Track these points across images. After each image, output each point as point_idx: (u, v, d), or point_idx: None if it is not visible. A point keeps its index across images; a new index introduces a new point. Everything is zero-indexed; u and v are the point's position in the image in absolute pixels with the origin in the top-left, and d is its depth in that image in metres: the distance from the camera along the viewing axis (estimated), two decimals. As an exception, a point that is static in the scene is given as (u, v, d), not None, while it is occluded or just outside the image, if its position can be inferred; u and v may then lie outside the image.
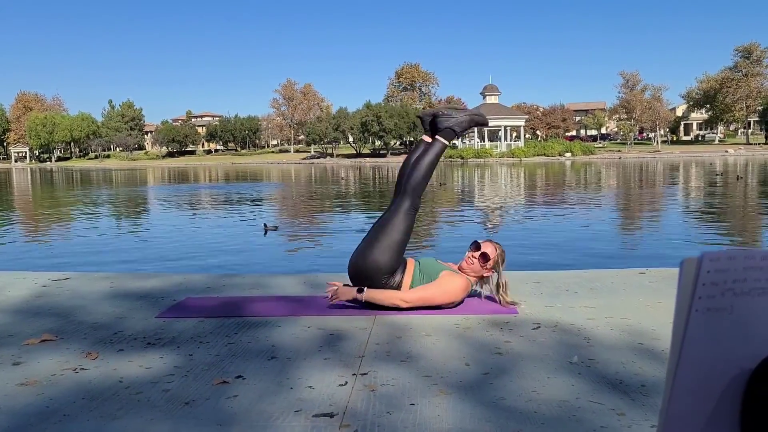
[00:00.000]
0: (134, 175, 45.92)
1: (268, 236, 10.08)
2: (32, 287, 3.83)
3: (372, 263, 3.14)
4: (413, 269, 3.21)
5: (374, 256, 3.14)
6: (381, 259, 3.13)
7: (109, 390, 2.11)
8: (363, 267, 3.16)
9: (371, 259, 3.14)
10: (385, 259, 3.14)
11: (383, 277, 3.14)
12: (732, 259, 0.53)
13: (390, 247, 3.15)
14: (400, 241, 3.19)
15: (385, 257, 3.14)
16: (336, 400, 1.99)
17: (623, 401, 1.95)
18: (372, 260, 3.14)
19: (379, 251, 3.14)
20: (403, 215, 3.23)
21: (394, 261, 3.16)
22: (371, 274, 3.14)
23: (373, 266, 3.13)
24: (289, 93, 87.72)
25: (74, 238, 10.59)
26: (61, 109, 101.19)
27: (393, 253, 3.15)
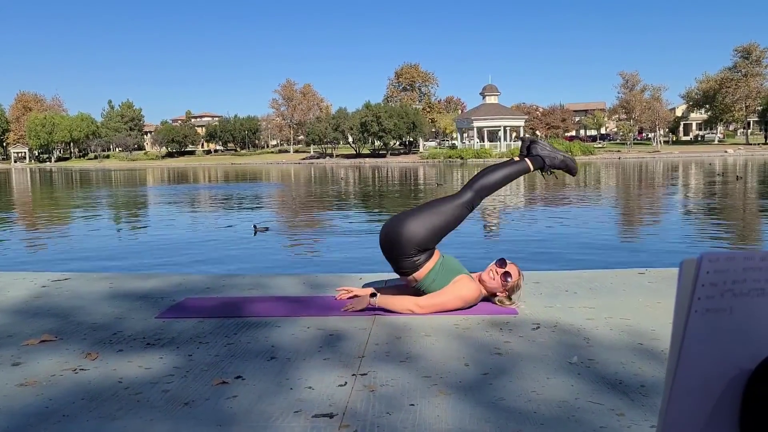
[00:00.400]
0: (133, 175, 45.92)
1: (266, 236, 10.08)
2: (31, 287, 3.83)
3: (409, 232, 3.11)
4: (436, 260, 3.18)
5: (414, 227, 3.12)
6: (419, 232, 3.11)
7: (108, 390, 2.11)
8: (398, 232, 3.13)
9: (411, 228, 3.11)
10: (422, 235, 3.11)
11: (412, 251, 3.11)
12: (731, 260, 0.53)
13: (432, 226, 3.14)
14: (443, 226, 3.17)
15: (423, 233, 3.11)
16: (335, 400, 1.99)
17: (623, 401, 1.95)
18: (411, 230, 3.11)
19: (420, 224, 3.13)
20: (458, 206, 3.23)
21: (429, 241, 3.14)
22: (403, 242, 3.10)
23: (408, 235, 3.10)
24: (288, 93, 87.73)
25: (73, 239, 10.59)
26: (61, 109, 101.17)
27: (431, 234, 3.13)
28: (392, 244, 3.15)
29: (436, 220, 3.16)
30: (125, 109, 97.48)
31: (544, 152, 3.40)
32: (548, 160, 3.40)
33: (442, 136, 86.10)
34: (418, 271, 3.14)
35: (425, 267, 3.14)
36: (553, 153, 3.42)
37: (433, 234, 3.14)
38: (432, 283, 3.15)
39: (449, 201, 3.26)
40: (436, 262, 3.17)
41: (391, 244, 3.15)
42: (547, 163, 3.41)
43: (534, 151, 3.41)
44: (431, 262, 3.16)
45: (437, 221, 3.16)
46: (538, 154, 3.41)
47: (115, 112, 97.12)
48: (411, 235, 3.10)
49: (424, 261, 3.14)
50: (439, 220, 3.17)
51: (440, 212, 3.19)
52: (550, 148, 3.43)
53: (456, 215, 3.22)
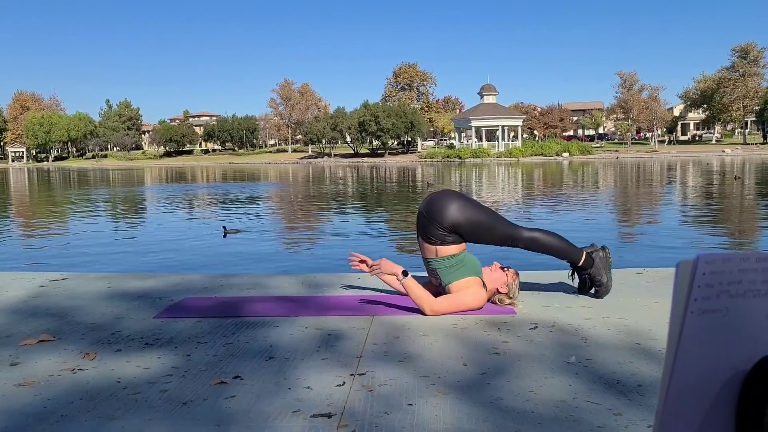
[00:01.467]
0: (131, 175, 45.86)
1: (266, 236, 10.07)
2: (30, 287, 3.83)
3: (454, 210, 3.13)
4: (462, 249, 3.20)
5: (461, 209, 3.14)
6: (461, 216, 3.13)
7: (107, 390, 2.11)
8: (447, 200, 3.16)
9: (457, 207, 3.14)
10: (461, 219, 3.13)
11: (447, 227, 3.13)
12: (727, 261, 0.53)
13: (474, 221, 3.15)
14: (482, 229, 3.18)
15: (464, 220, 3.13)
16: (334, 400, 2.00)
17: (620, 401, 1.96)
18: (456, 208, 3.13)
19: (467, 212, 3.15)
20: (504, 234, 3.23)
21: (463, 230, 3.15)
22: (444, 213, 3.12)
23: (452, 211, 3.12)
24: (286, 93, 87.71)
25: (71, 238, 10.58)
26: (59, 108, 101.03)
27: (470, 226, 3.15)
28: (435, 208, 3.16)
29: (482, 221, 3.18)
30: (123, 108, 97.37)
31: (598, 263, 3.34)
32: (594, 270, 3.34)
33: (440, 136, 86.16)
34: (442, 246, 3.16)
35: (449, 247, 3.17)
36: (601, 271, 3.35)
37: (470, 227, 3.16)
38: (447, 268, 3.17)
39: (503, 223, 3.27)
40: (460, 251, 3.20)
41: (434, 207, 3.17)
42: (591, 272, 3.35)
43: (594, 255, 3.36)
44: (456, 248, 3.18)
45: (482, 222, 3.18)
46: (594, 260, 3.35)
47: (113, 111, 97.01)
48: (454, 212, 3.13)
49: (451, 242, 3.17)
50: (484, 224, 3.19)
51: (490, 221, 3.21)
52: (604, 267, 3.36)
53: (497, 235, 3.23)
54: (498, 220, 3.28)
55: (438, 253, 3.18)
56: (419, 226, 3.27)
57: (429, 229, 3.19)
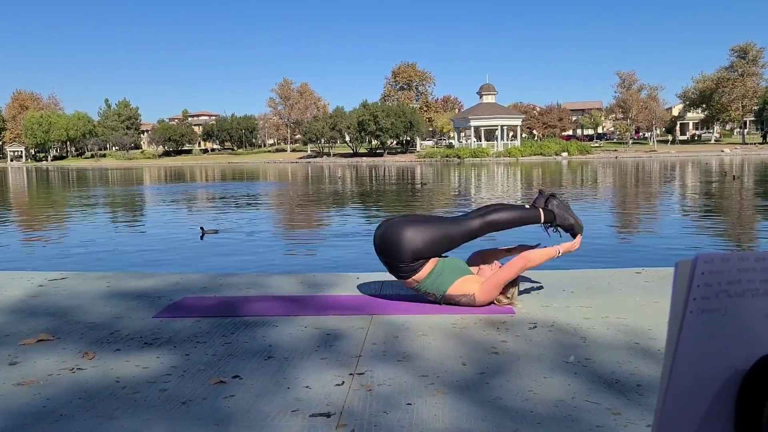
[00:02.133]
0: (130, 174, 45.84)
1: (266, 235, 10.07)
2: (28, 287, 3.83)
3: (407, 240, 3.09)
4: (436, 263, 3.17)
5: (413, 236, 3.10)
6: (417, 243, 3.09)
7: (106, 390, 2.11)
8: (395, 238, 3.11)
9: (409, 236, 3.10)
10: (419, 246, 3.10)
11: (408, 259, 3.10)
12: (726, 260, 0.53)
13: (432, 240, 3.13)
14: (441, 242, 3.16)
15: (421, 245, 3.10)
16: (333, 399, 2.00)
17: (619, 401, 1.96)
18: (409, 238, 3.09)
19: (419, 236, 3.11)
20: (463, 232, 3.23)
21: (425, 252, 3.12)
22: (399, 248, 3.09)
23: (406, 243, 3.09)
24: (285, 92, 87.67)
25: (70, 238, 10.57)
26: (58, 108, 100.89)
27: (428, 247, 3.12)
28: (387, 248, 3.14)
29: (435, 234, 3.15)
30: (122, 107, 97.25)
31: (558, 210, 3.42)
32: (558, 219, 3.43)
33: (439, 136, 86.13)
34: (417, 274, 3.14)
35: (424, 271, 3.14)
36: (565, 214, 3.43)
37: (430, 247, 3.14)
38: (434, 282, 3.15)
39: (456, 224, 3.26)
40: (435, 265, 3.17)
41: (386, 247, 3.15)
42: (557, 221, 3.43)
43: (549, 205, 3.43)
44: (429, 265, 3.16)
45: (437, 236, 3.15)
46: (551, 210, 3.42)
47: (112, 110, 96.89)
48: (407, 244, 3.09)
49: (421, 266, 3.14)
50: (439, 236, 3.16)
51: (442, 229, 3.19)
52: (564, 208, 3.44)
53: (457, 238, 3.22)
54: (450, 224, 3.25)
55: (416, 280, 3.17)
56: (386, 266, 3.23)
57: (395, 269, 3.16)
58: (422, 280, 3.16)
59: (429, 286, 3.16)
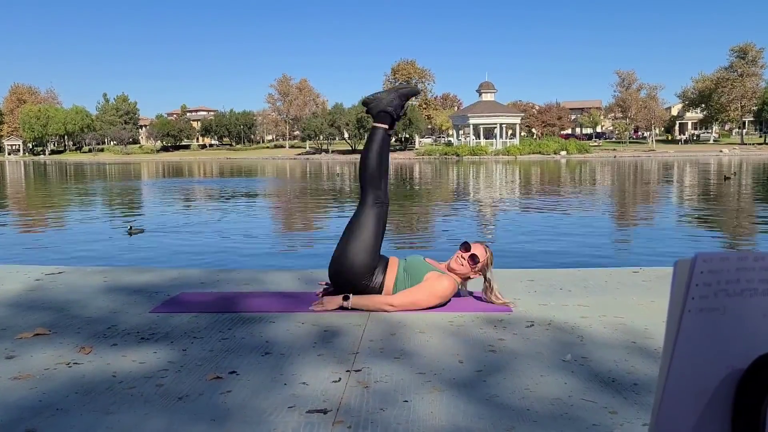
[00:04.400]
0: (128, 169, 45.77)
1: (268, 233, 10.06)
2: (25, 281, 3.82)
3: (348, 266, 3.09)
4: (396, 268, 3.17)
5: (349, 259, 3.09)
6: (356, 260, 3.09)
7: (102, 384, 2.11)
8: (341, 270, 3.12)
9: (347, 261, 3.10)
10: (360, 261, 3.09)
11: (363, 279, 3.10)
12: (725, 260, 0.53)
13: (363, 248, 3.11)
14: (371, 240, 3.14)
15: (360, 258, 3.09)
16: (330, 396, 2.00)
17: (616, 399, 1.96)
18: (348, 263, 3.09)
19: (352, 253, 3.10)
20: (369, 211, 3.18)
21: (370, 261, 3.12)
22: (350, 277, 3.10)
23: (350, 269, 3.09)
24: (284, 88, 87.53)
25: (67, 232, 10.55)
26: (55, 102, 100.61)
27: (367, 254, 3.11)
28: (343, 283, 3.14)
29: (362, 239, 3.13)
30: (120, 102, 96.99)
31: (381, 105, 3.25)
32: (390, 107, 3.26)
33: (438, 133, 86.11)
34: (384, 288, 3.14)
35: (387, 281, 3.14)
36: (387, 98, 3.26)
37: (368, 253, 3.12)
38: (401, 290, 3.15)
39: (360, 214, 3.21)
40: (396, 272, 3.16)
41: (342, 282, 3.14)
42: (391, 110, 3.26)
43: (373, 112, 3.28)
44: (390, 274, 3.15)
45: (364, 239, 3.13)
46: (381, 111, 3.26)
47: (110, 105, 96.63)
48: (353, 268, 3.09)
49: (382, 278, 3.13)
50: (365, 237, 3.13)
51: (361, 229, 3.16)
52: (381, 96, 3.27)
53: (375, 221, 3.18)
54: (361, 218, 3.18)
55: (386, 293, 3.14)
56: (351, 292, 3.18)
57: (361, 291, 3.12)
58: (392, 291, 3.15)
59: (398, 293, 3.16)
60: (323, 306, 3.10)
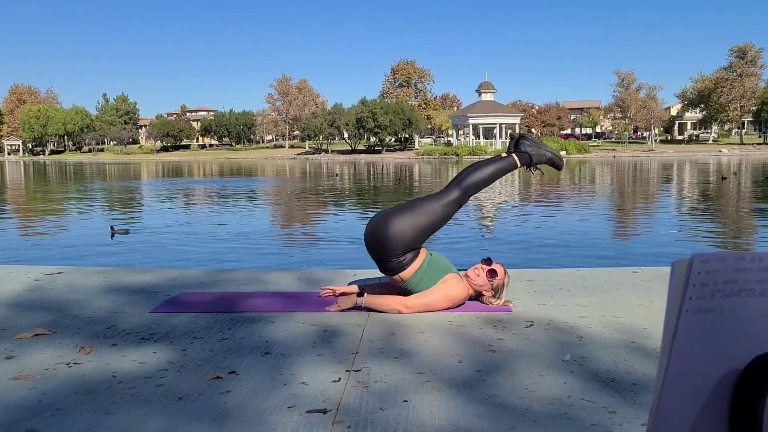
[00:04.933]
0: (128, 169, 45.76)
1: (275, 231, 10.06)
2: (25, 281, 3.82)
3: (395, 233, 3.07)
4: (423, 259, 3.16)
5: (399, 227, 3.08)
6: (405, 232, 3.08)
7: (102, 384, 2.11)
8: (383, 233, 3.09)
9: (396, 228, 3.08)
10: (408, 235, 3.08)
11: (398, 251, 3.08)
12: (722, 260, 0.54)
13: (417, 226, 3.11)
14: (429, 226, 3.15)
15: (409, 233, 3.08)
16: (329, 396, 2.00)
17: (615, 399, 1.97)
18: (396, 230, 3.07)
19: (406, 224, 3.09)
20: (445, 205, 3.20)
21: (415, 241, 3.11)
22: (388, 243, 3.07)
23: (394, 236, 3.07)
24: (284, 88, 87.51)
25: (67, 232, 10.55)
26: (55, 102, 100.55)
27: (417, 234, 3.11)
28: (378, 245, 3.12)
29: (421, 219, 3.13)
30: (120, 102, 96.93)
31: (531, 149, 3.41)
32: (535, 158, 3.41)
33: (437, 133, 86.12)
34: (404, 270, 3.12)
35: (411, 267, 3.12)
36: (539, 150, 3.42)
37: (418, 234, 3.12)
38: (419, 282, 3.13)
39: (435, 200, 3.22)
40: (423, 261, 3.15)
41: (377, 244, 3.12)
42: (534, 160, 3.42)
43: (522, 147, 3.42)
44: (418, 261, 3.14)
45: (423, 221, 3.13)
46: (525, 151, 3.40)
47: (110, 105, 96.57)
48: (396, 236, 3.07)
49: (410, 261, 3.12)
50: (425, 220, 3.14)
51: (426, 212, 3.16)
52: (537, 145, 3.43)
53: (442, 215, 3.20)
54: (432, 203, 3.20)
55: (403, 277, 3.14)
56: (376, 262, 3.20)
57: (385, 264, 3.14)
58: (408, 279, 3.13)
59: (414, 285, 3.14)
60: (339, 306, 3.10)
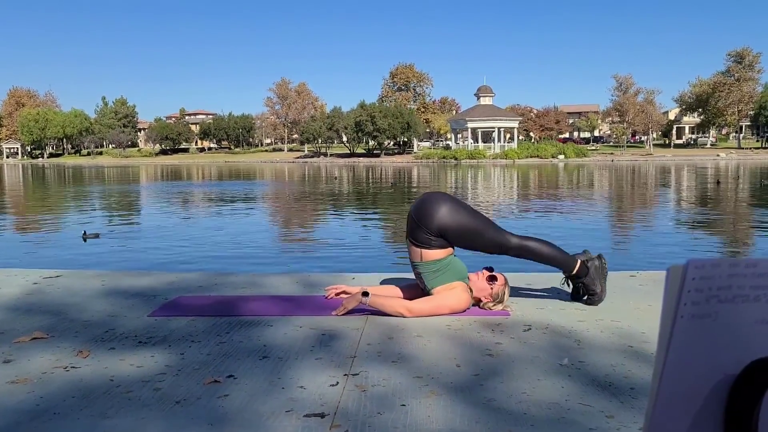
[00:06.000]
0: (126, 172, 45.73)
1: (275, 235, 10.05)
2: (23, 284, 3.82)
3: (445, 214, 3.09)
4: (447, 254, 3.16)
5: (451, 215, 3.10)
6: (451, 223, 3.09)
7: (100, 388, 2.11)
8: (437, 207, 3.10)
9: (448, 212, 3.10)
10: (451, 226, 3.09)
11: (435, 229, 3.09)
12: (716, 266, 0.54)
13: (463, 227, 3.11)
14: (469, 235, 3.14)
15: (453, 226, 3.09)
16: (327, 400, 2.00)
17: (612, 404, 1.97)
18: (447, 213, 3.09)
19: (457, 218, 3.10)
20: (494, 241, 3.18)
21: (450, 235, 3.11)
22: (434, 216, 3.09)
23: (443, 216, 3.08)
24: (283, 92, 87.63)
25: (65, 235, 10.54)
26: (54, 105, 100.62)
27: (458, 232, 3.11)
28: (423, 212, 3.13)
29: (469, 225, 3.14)
30: (119, 105, 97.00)
31: (592, 272, 3.30)
32: (587, 279, 3.29)
33: (436, 137, 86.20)
34: (428, 250, 3.13)
35: (435, 252, 3.13)
36: (596, 279, 3.30)
37: (458, 232, 3.12)
38: (432, 272, 3.14)
39: (494, 229, 3.22)
40: (446, 256, 3.16)
41: (424, 211, 3.13)
42: (585, 281, 3.30)
43: (588, 263, 3.32)
44: (442, 252, 3.15)
45: (470, 227, 3.14)
46: (587, 267, 3.30)
47: (109, 108, 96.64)
48: (443, 217, 3.09)
49: (437, 246, 3.13)
50: (471, 230, 3.14)
51: (479, 227, 3.17)
52: (599, 275, 3.31)
53: (487, 243, 3.19)
54: (489, 227, 3.22)
55: (423, 256, 3.15)
56: (408, 228, 3.25)
57: (416, 232, 3.16)
58: (427, 261, 3.14)
59: (427, 270, 3.15)
60: (345, 308, 3.11)
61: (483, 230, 3.19)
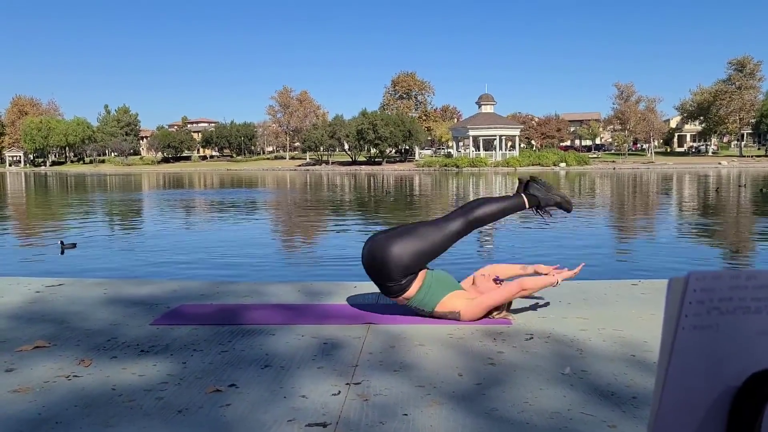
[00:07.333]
0: (129, 180, 45.81)
1: (274, 242, 10.05)
2: (26, 293, 3.82)
3: (394, 257, 3.05)
4: (424, 278, 3.15)
5: (398, 252, 3.05)
6: (404, 258, 3.06)
7: (102, 397, 2.11)
8: (381, 257, 3.06)
9: (395, 253, 3.05)
10: (406, 261, 3.06)
11: (397, 275, 3.07)
12: (718, 278, 0.54)
13: (417, 252, 3.09)
14: (429, 252, 3.13)
15: (408, 259, 3.06)
16: (329, 409, 2.00)
17: (615, 413, 1.96)
18: (396, 255, 3.05)
19: (405, 250, 3.07)
20: (447, 235, 3.19)
21: (415, 266, 3.10)
22: (388, 267, 3.05)
23: (393, 261, 3.05)
24: (285, 100, 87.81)
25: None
26: (57, 113, 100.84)
27: (416, 259, 3.09)
28: (376, 270, 3.11)
29: (421, 245, 3.11)
30: (121, 113, 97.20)
31: (540, 193, 3.47)
32: (543, 201, 3.47)
33: (437, 145, 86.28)
34: (407, 291, 3.12)
35: (413, 287, 3.12)
36: (548, 194, 3.48)
37: (418, 259, 3.11)
38: (424, 297, 3.13)
39: (437, 227, 3.20)
40: (424, 280, 3.14)
41: (375, 269, 3.11)
42: (542, 203, 3.48)
43: (530, 190, 3.47)
44: (418, 281, 3.13)
45: (423, 247, 3.11)
46: (534, 194, 3.45)
47: (111, 116, 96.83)
48: (395, 261, 3.06)
49: (410, 282, 3.12)
50: (425, 246, 3.12)
51: (427, 238, 3.14)
52: (546, 189, 3.50)
53: (443, 243, 3.19)
54: (433, 230, 3.19)
55: (407, 298, 3.15)
56: (376, 284, 3.20)
57: (385, 288, 3.15)
58: (412, 297, 3.14)
59: (419, 302, 3.15)
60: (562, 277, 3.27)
61: (433, 238, 3.16)
